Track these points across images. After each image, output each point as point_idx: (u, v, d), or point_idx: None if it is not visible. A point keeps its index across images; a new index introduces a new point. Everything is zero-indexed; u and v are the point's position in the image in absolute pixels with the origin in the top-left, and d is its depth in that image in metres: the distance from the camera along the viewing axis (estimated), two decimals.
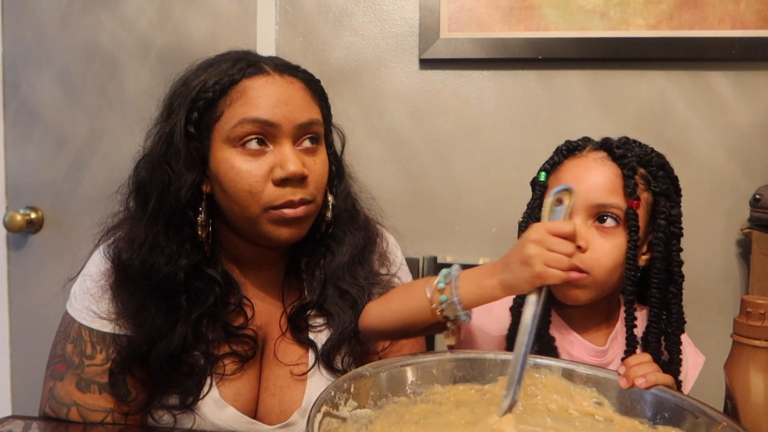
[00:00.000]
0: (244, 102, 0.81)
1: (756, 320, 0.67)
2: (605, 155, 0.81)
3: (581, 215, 0.79)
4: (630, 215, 0.77)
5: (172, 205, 0.81)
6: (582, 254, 0.77)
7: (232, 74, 0.81)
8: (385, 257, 0.98)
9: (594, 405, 0.67)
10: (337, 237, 0.92)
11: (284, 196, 0.80)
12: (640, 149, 0.83)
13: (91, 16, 1.55)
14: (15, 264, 1.64)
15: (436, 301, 0.73)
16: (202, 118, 0.81)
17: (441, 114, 1.46)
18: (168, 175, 0.81)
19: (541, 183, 0.85)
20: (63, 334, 0.86)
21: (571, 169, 0.83)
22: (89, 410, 0.83)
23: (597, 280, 0.78)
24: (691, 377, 0.86)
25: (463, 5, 1.41)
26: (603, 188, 0.78)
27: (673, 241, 0.80)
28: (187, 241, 0.83)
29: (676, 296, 0.81)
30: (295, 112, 0.82)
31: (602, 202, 0.78)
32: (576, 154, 0.84)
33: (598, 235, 0.78)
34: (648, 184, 0.80)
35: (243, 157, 0.80)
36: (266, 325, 0.91)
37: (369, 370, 0.66)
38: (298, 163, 0.80)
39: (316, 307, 0.91)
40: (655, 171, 0.81)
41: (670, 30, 1.36)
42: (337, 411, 0.60)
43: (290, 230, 0.83)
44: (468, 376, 0.70)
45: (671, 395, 0.64)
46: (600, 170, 0.80)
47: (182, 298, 0.83)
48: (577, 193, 0.78)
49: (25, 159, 1.61)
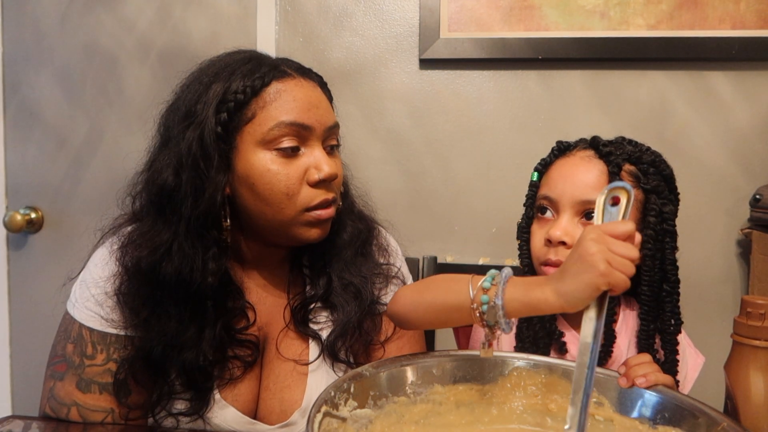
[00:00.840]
0: (279, 105, 0.81)
1: (756, 320, 0.67)
2: (593, 153, 0.82)
3: (568, 212, 0.79)
4: None
5: (206, 209, 0.80)
6: (568, 250, 0.77)
7: (261, 76, 0.81)
8: (384, 248, 0.99)
9: (594, 405, 0.67)
10: (338, 230, 0.93)
11: (319, 196, 0.82)
12: (633, 147, 0.83)
13: (91, 16, 1.55)
14: (15, 264, 1.64)
15: (477, 302, 0.64)
16: (231, 120, 0.81)
17: (441, 114, 1.46)
18: (201, 180, 0.80)
19: (533, 183, 0.86)
20: (63, 334, 0.86)
21: (559, 167, 0.84)
22: (89, 410, 0.83)
23: None
24: (690, 378, 0.86)
25: (463, 5, 1.41)
26: (588, 185, 0.79)
27: (667, 239, 0.80)
28: (215, 245, 0.82)
29: (670, 295, 0.80)
30: (324, 115, 0.84)
31: (587, 198, 0.78)
32: (566, 153, 0.85)
33: None
34: (638, 181, 0.80)
35: (278, 159, 0.81)
36: (268, 324, 0.91)
37: (369, 370, 0.66)
38: (332, 164, 0.83)
39: (320, 299, 0.91)
40: (645, 168, 0.81)
41: (670, 30, 1.36)
42: (337, 411, 0.60)
43: (320, 231, 0.85)
44: (468, 376, 0.70)
45: (671, 395, 0.64)
46: (586, 167, 0.81)
47: (209, 303, 0.82)
48: (564, 190, 0.80)
49: (25, 159, 1.61)
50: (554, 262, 0.79)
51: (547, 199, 0.82)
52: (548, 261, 0.80)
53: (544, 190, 0.83)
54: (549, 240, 0.79)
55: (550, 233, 0.79)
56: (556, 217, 0.81)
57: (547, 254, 0.80)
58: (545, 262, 0.80)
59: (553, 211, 0.82)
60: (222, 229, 0.83)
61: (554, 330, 0.82)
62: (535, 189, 0.86)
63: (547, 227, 0.81)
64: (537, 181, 0.86)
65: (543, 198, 0.83)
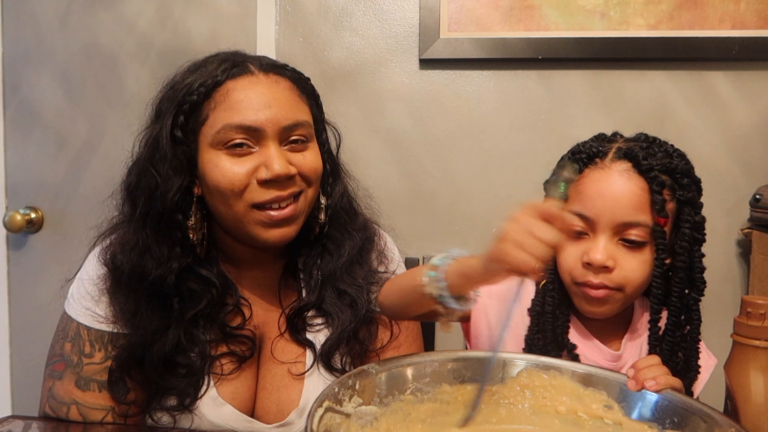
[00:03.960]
0: (228, 106, 0.80)
1: (756, 320, 0.67)
2: (630, 167, 0.76)
3: (607, 233, 0.75)
4: (657, 233, 0.74)
5: (160, 209, 0.81)
6: (609, 273, 0.75)
7: (215, 76, 0.81)
8: (384, 255, 0.98)
9: (603, 408, 0.67)
10: (334, 237, 0.92)
11: (269, 194, 0.80)
12: (663, 153, 0.78)
13: (91, 16, 1.55)
14: (15, 264, 1.64)
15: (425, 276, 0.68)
16: (188, 122, 0.81)
17: (441, 114, 1.46)
18: (155, 180, 0.81)
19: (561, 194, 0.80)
20: (61, 334, 0.86)
21: (594, 182, 0.77)
22: (89, 408, 0.83)
23: (628, 296, 0.77)
24: (702, 379, 0.85)
25: (463, 5, 1.41)
26: (629, 205, 0.74)
27: (695, 247, 0.78)
28: (177, 245, 0.82)
29: (696, 302, 0.79)
30: (279, 114, 0.81)
31: (629, 221, 0.74)
32: (597, 162, 0.78)
33: (625, 251, 0.76)
34: (673, 193, 0.77)
35: (228, 158, 0.80)
36: (263, 324, 0.91)
37: (375, 368, 0.66)
38: (283, 163, 0.80)
39: (315, 307, 0.91)
40: (680, 178, 0.77)
41: (670, 30, 1.36)
42: (341, 407, 0.60)
43: (279, 231, 0.83)
44: (476, 377, 0.70)
45: (680, 399, 0.64)
46: (626, 185, 0.75)
47: (174, 300, 0.83)
48: (602, 210, 0.75)
49: (25, 159, 1.61)
50: (596, 285, 0.76)
51: (582, 217, 0.76)
52: (589, 283, 0.76)
53: (577, 207, 0.77)
54: (589, 263, 0.75)
55: (591, 257, 0.75)
56: (592, 236, 0.76)
57: (586, 276, 0.76)
58: (585, 284, 0.77)
59: (588, 229, 0.77)
60: (185, 228, 0.83)
61: (565, 342, 0.80)
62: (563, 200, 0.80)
63: (583, 246, 0.77)
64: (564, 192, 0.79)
65: (576, 215, 0.77)
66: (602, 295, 0.76)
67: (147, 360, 0.81)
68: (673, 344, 0.79)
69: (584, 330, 0.84)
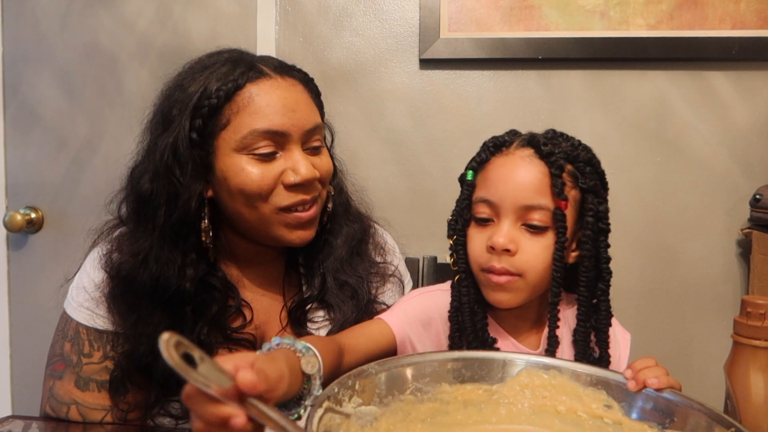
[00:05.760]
0: (253, 111, 0.80)
1: (756, 320, 0.67)
2: (532, 152, 0.78)
3: (510, 217, 0.76)
4: (558, 216, 0.75)
5: (181, 216, 0.80)
6: (512, 257, 0.75)
7: (234, 79, 0.80)
8: (380, 246, 0.99)
9: (603, 408, 0.67)
10: (333, 230, 0.93)
11: (295, 197, 0.81)
12: (567, 144, 0.80)
13: (91, 16, 1.55)
14: (15, 264, 1.64)
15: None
16: (206, 125, 0.80)
17: (441, 114, 1.46)
18: (175, 187, 0.80)
19: (468, 182, 0.82)
20: (61, 334, 0.86)
21: (497, 168, 0.79)
22: (89, 408, 0.83)
23: (529, 283, 0.77)
24: (624, 357, 0.85)
25: (463, 5, 1.41)
26: (530, 188, 0.76)
27: (601, 238, 0.79)
28: (193, 251, 0.82)
29: (604, 293, 0.80)
30: (302, 118, 0.82)
31: (530, 203, 0.75)
32: (503, 150, 0.81)
33: (528, 236, 0.76)
34: (575, 181, 0.78)
35: (254, 162, 0.80)
36: (265, 323, 0.91)
37: (374, 368, 0.66)
38: (309, 167, 0.82)
39: (317, 300, 0.91)
40: (582, 167, 0.78)
41: (670, 30, 1.36)
42: (341, 407, 0.60)
43: (303, 233, 0.85)
44: (476, 376, 0.70)
45: (681, 399, 0.64)
46: (527, 169, 0.77)
47: (188, 309, 0.82)
48: (505, 194, 0.76)
49: (25, 159, 1.61)
50: (498, 270, 0.76)
51: (486, 203, 0.78)
52: (492, 268, 0.77)
53: (482, 193, 0.79)
54: (492, 247, 0.76)
55: (493, 241, 0.75)
56: (497, 221, 0.78)
57: (490, 261, 0.77)
58: (489, 270, 0.77)
59: (493, 215, 0.78)
60: (200, 232, 0.82)
61: (486, 338, 0.81)
62: (470, 189, 0.81)
63: (488, 232, 0.78)
64: (473, 180, 0.81)
65: (481, 201, 0.79)
66: (504, 282, 0.76)
67: (154, 369, 0.80)
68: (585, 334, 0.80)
69: (498, 328, 0.84)
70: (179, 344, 0.42)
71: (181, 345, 0.42)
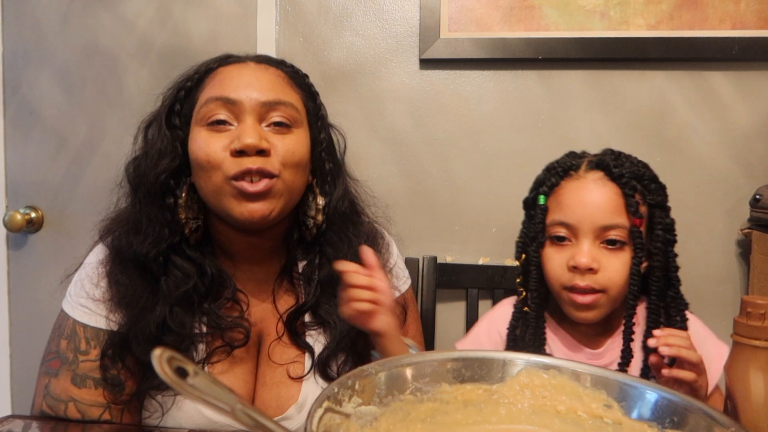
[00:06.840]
0: (213, 84, 0.85)
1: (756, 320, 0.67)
2: (603, 175, 0.83)
3: (589, 237, 0.81)
4: (635, 233, 0.80)
5: (150, 189, 0.85)
6: (595, 275, 0.80)
7: (209, 64, 0.87)
8: (384, 260, 0.98)
9: (603, 407, 0.67)
10: (333, 242, 0.91)
11: (242, 165, 0.80)
12: (630, 163, 0.85)
13: (91, 16, 1.55)
14: (15, 264, 1.64)
15: None
16: (183, 107, 0.86)
17: (441, 114, 1.46)
18: (149, 162, 0.86)
19: (541, 207, 0.86)
20: (57, 331, 0.86)
21: (572, 191, 0.84)
22: (87, 405, 0.83)
23: (611, 297, 0.82)
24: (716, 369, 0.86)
25: (463, 5, 1.41)
26: (607, 209, 0.80)
27: (669, 248, 0.83)
28: (166, 226, 0.85)
29: (675, 300, 0.84)
30: (260, 91, 0.84)
31: (608, 224, 0.80)
32: (572, 174, 0.85)
33: (607, 253, 0.81)
34: (644, 198, 0.83)
35: (207, 133, 0.83)
36: (260, 322, 0.91)
37: (374, 368, 0.66)
38: (255, 136, 0.80)
39: (311, 310, 0.91)
40: (648, 184, 0.83)
41: (670, 30, 1.36)
42: (341, 407, 0.60)
43: (252, 206, 0.81)
44: (476, 376, 0.70)
45: (680, 399, 0.64)
46: (601, 191, 0.82)
47: (162, 279, 0.84)
48: (583, 216, 0.82)
49: (25, 159, 1.61)
50: (582, 288, 0.81)
51: (564, 225, 0.83)
52: (576, 286, 0.81)
53: (558, 216, 0.84)
54: (575, 267, 0.81)
55: (577, 261, 0.80)
56: (574, 241, 0.82)
57: (573, 279, 0.81)
58: (572, 288, 0.82)
59: (570, 235, 0.83)
60: (174, 209, 0.85)
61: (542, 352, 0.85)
62: (544, 213, 0.85)
63: (568, 252, 0.82)
64: (544, 204, 0.86)
65: (558, 224, 0.83)
66: (590, 301, 0.81)
67: (133, 337, 0.81)
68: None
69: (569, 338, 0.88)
70: (172, 359, 0.43)
71: (174, 359, 0.43)
